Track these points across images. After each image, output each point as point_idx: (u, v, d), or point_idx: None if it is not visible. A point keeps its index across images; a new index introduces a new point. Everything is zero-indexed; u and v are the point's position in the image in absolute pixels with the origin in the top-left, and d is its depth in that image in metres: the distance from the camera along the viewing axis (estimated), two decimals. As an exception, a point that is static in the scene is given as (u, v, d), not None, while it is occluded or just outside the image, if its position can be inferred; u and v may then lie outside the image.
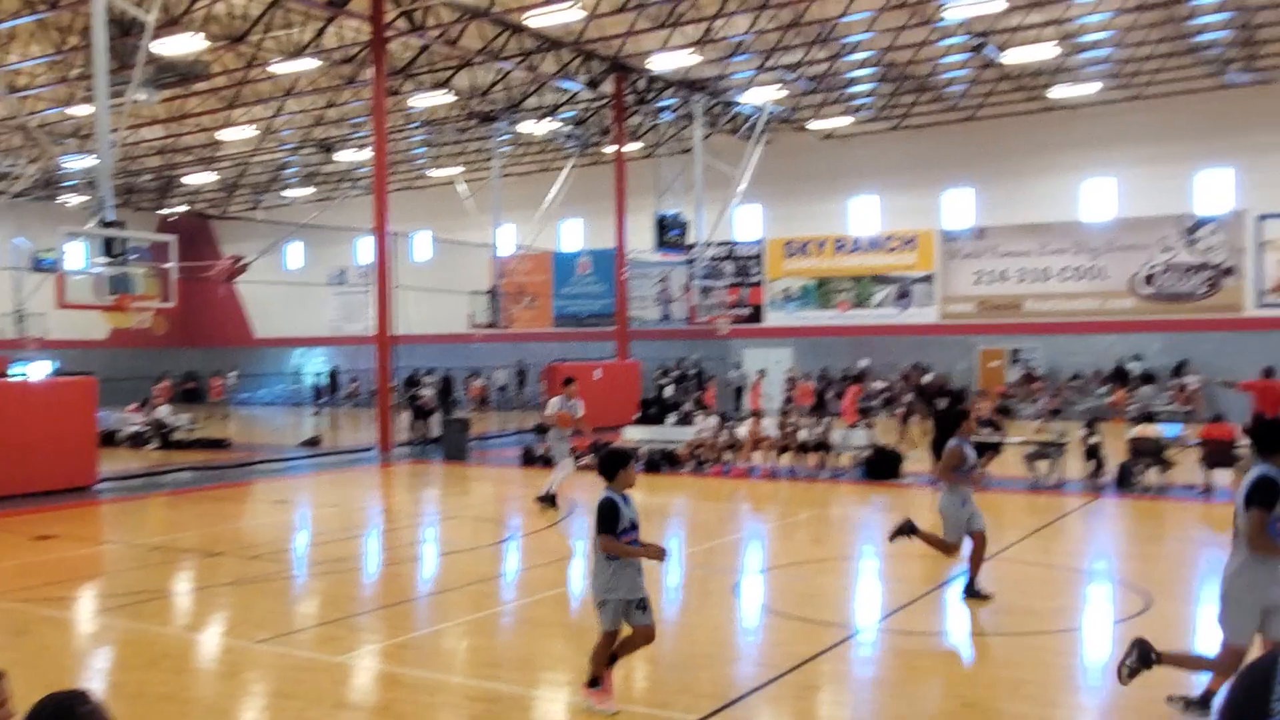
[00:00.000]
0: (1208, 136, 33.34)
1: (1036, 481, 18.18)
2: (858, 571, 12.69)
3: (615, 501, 7.00)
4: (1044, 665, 8.49)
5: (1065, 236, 35.49)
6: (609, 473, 7.10)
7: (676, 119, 36.61)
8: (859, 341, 38.52)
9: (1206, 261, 33.60)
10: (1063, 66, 32.31)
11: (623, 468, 7.10)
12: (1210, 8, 27.96)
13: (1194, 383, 32.03)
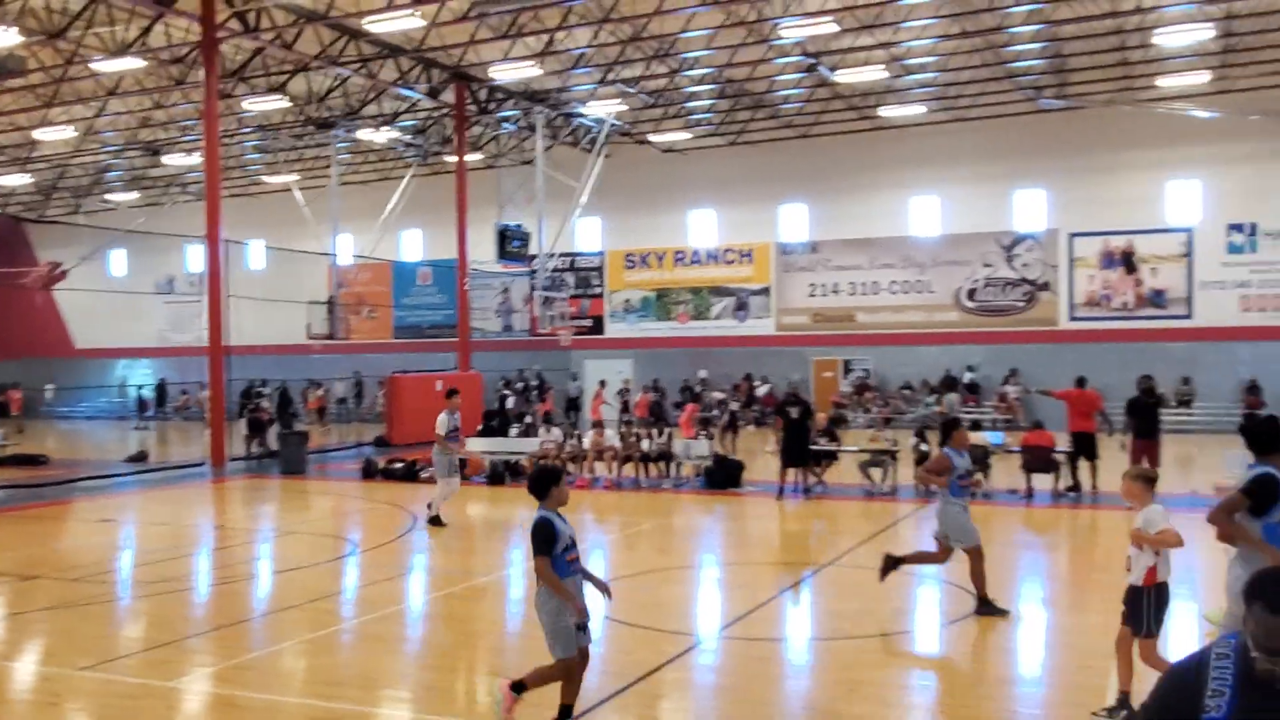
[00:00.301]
0: (1024, 158, 35.16)
1: (871, 489, 18.80)
2: (701, 580, 12.88)
3: (551, 521, 6.68)
4: (882, 666, 8.78)
5: (894, 251, 36.87)
6: (540, 490, 6.79)
7: (518, 130, 36.55)
8: (698, 353, 39.16)
9: (1024, 277, 35.39)
10: (891, 88, 33.58)
11: (554, 484, 6.80)
12: (1026, 37, 29.49)
13: (1014, 392, 33.68)
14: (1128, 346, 33.12)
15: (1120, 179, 34.08)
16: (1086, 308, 34.76)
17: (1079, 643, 9.24)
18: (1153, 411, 17.28)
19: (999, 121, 35.49)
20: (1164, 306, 33.87)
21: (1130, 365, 32.17)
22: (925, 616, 10.81)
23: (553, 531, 6.65)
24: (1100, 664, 8.40)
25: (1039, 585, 12.55)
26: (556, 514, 6.77)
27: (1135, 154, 33.75)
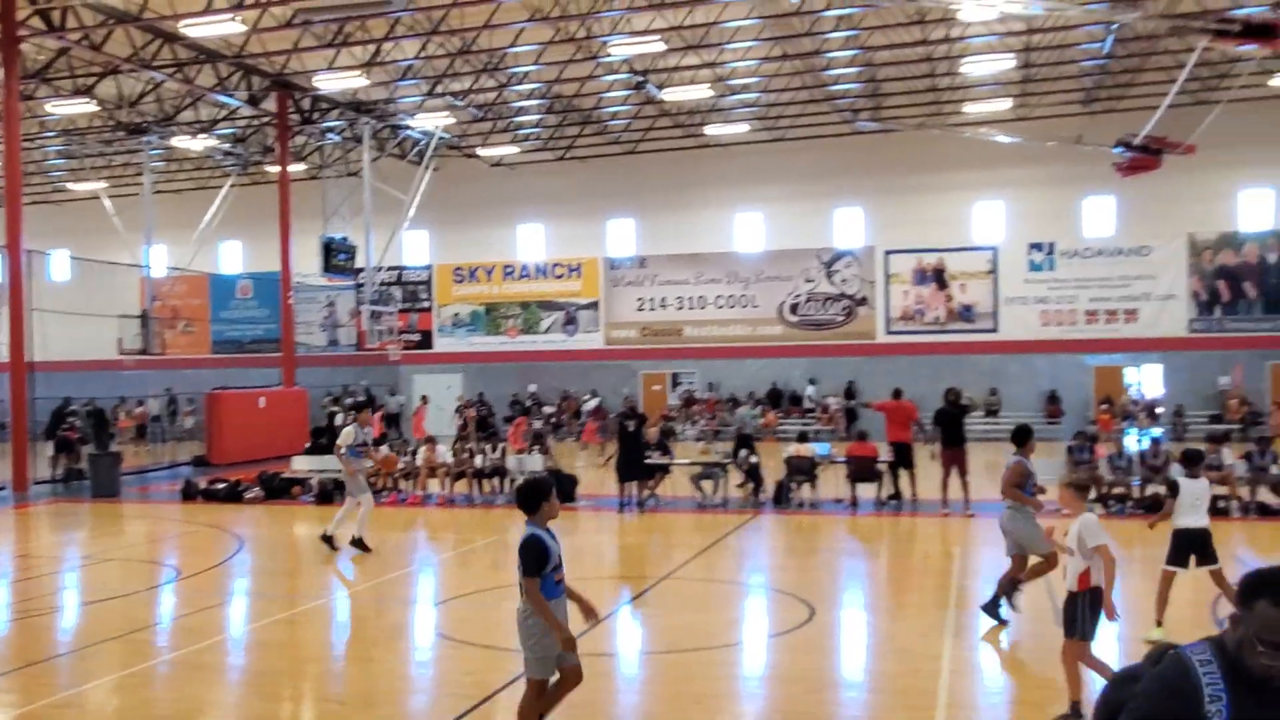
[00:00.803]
0: (843, 177, 36.49)
1: (702, 501, 19.14)
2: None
3: (542, 539, 6.38)
4: (719, 679, 8.97)
5: (720, 266, 37.67)
6: (531, 505, 6.47)
7: (344, 141, 35.78)
8: (528, 367, 39.12)
9: (844, 292, 36.68)
10: (716, 106, 34.35)
11: (545, 499, 6.50)
12: (843, 61, 30.64)
13: (835, 404, 34.84)
14: (940, 359, 34.73)
15: (932, 199, 35.74)
16: (901, 321, 36.27)
17: (906, 647, 9.63)
18: (958, 421, 18.09)
19: (819, 142, 36.73)
20: (972, 321, 35.64)
21: (942, 377, 33.78)
22: (757, 628, 11.07)
23: (544, 551, 6.38)
24: (928, 667, 8.82)
25: (865, 592, 13.01)
26: (546, 530, 6.51)
27: (945, 176, 35.44)
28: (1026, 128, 33.45)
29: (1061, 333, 34.82)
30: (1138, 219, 33.91)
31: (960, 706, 7.96)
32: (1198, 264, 33.88)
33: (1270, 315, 33.37)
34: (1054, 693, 8.30)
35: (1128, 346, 34.37)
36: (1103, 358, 34.51)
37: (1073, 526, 7.56)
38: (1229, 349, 33.36)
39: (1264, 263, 33.42)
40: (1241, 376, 32.90)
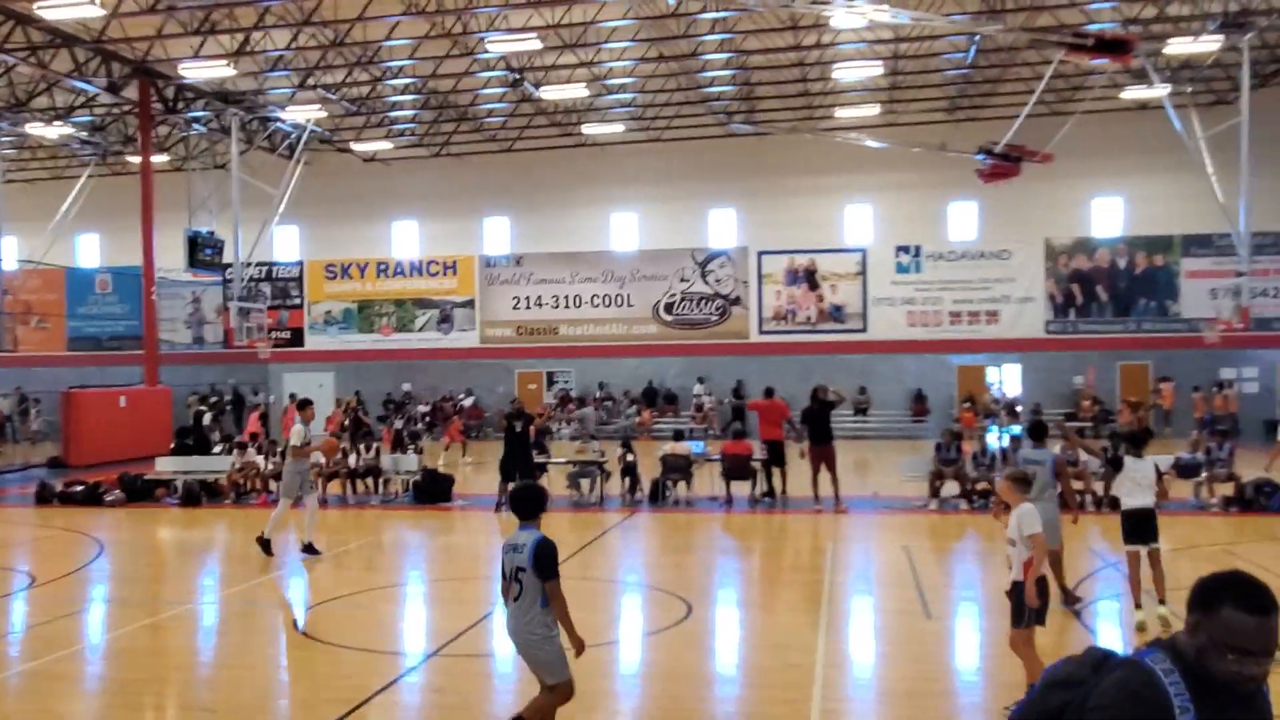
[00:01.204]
0: (717, 179, 36.93)
1: (579, 500, 19.18)
2: (415, 598, 12.73)
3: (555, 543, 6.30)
4: (600, 676, 9.00)
5: (596, 265, 37.75)
6: (533, 511, 6.43)
7: (210, 132, 34.73)
8: (402, 365, 38.58)
9: (718, 292, 37.14)
10: (593, 106, 34.42)
11: (545, 505, 6.52)
12: (718, 64, 31.03)
13: (710, 402, 35.25)
14: (811, 358, 35.42)
15: (803, 201, 36.44)
16: (774, 321, 36.89)
17: (781, 642, 9.82)
18: (825, 418, 18.47)
19: (694, 143, 37.10)
20: (843, 321, 36.46)
21: (813, 375, 34.41)
22: (635, 625, 11.15)
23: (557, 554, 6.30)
24: (803, 660, 9.01)
25: (740, 588, 13.21)
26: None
27: (817, 178, 36.17)
28: (894, 133, 34.35)
29: (927, 333, 35.87)
30: (999, 224, 35.16)
31: (834, 698, 8.16)
32: (1054, 268, 35.30)
33: (1120, 318, 34.97)
34: (925, 682, 8.58)
35: (989, 347, 35.61)
36: (966, 357, 35.69)
37: (1012, 517, 7.85)
38: (1082, 350, 34.85)
39: (1114, 267, 34.99)
40: (1094, 376, 34.41)
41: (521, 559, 6.22)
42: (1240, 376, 33.89)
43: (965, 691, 8.65)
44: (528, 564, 6.19)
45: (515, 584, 6.24)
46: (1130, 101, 32.05)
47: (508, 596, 6.33)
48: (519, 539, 6.33)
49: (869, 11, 23.20)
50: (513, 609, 6.31)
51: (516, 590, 6.23)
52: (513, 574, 6.26)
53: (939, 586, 12.40)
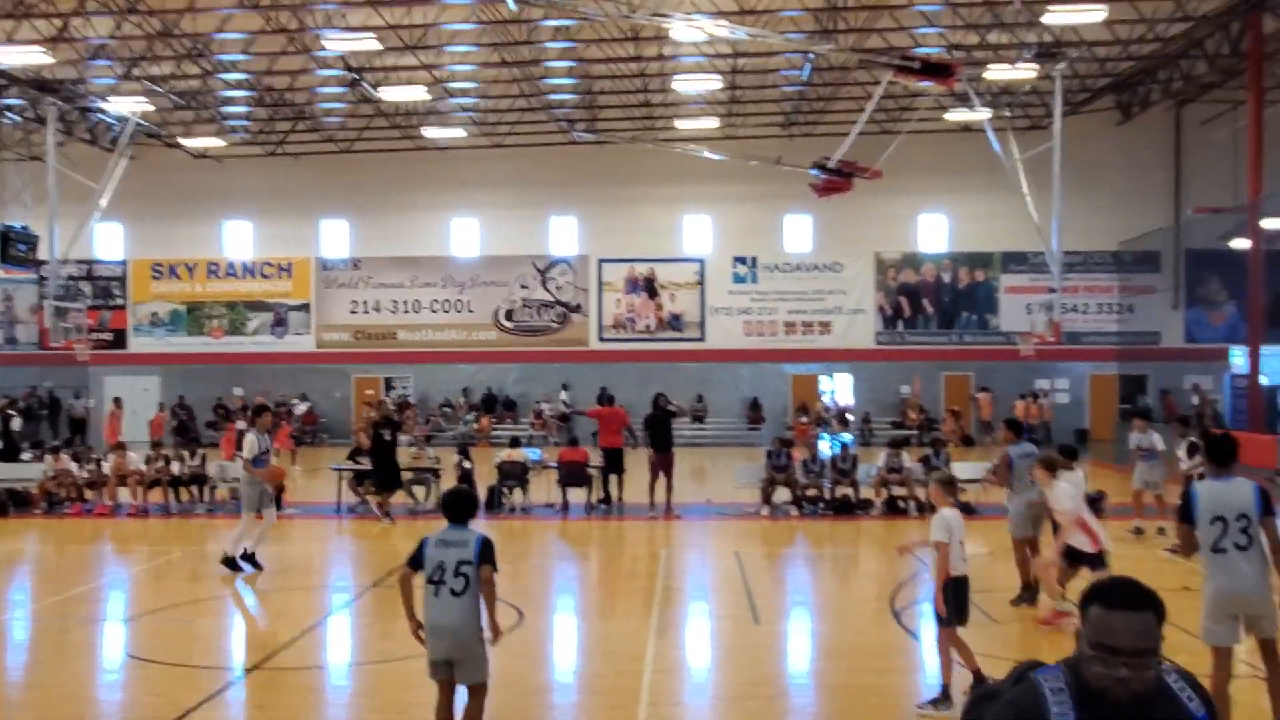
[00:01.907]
0: (558, 186, 36.99)
1: (415, 506, 18.92)
2: (240, 609, 12.34)
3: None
4: (429, 687, 8.90)
5: (436, 270, 37.33)
6: (468, 514, 6.73)
7: (25, 121, 32.92)
8: (234, 369, 37.35)
9: (558, 299, 37.20)
10: (434, 109, 34.05)
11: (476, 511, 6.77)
12: (561, 71, 31.13)
13: (548, 410, 35.25)
14: (650, 366, 35.83)
15: (644, 210, 36.84)
16: (614, 329, 37.15)
17: (613, 649, 9.90)
18: (667, 425, 18.77)
19: (536, 150, 37.07)
20: (681, 330, 36.99)
21: (652, 384, 34.85)
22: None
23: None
24: (633, 667, 9.10)
25: (574, 595, 13.27)
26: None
27: (657, 188, 36.62)
28: (732, 146, 35.05)
29: (763, 342, 36.70)
30: (832, 237, 36.25)
31: (664, 704, 8.28)
32: (883, 281, 36.60)
33: (944, 330, 36.50)
34: (754, 687, 8.79)
35: (822, 357, 36.68)
36: (800, 367, 36.68)
37: (933, 520, 8.12)
38: (910, 360, 36.24)
39: (940, 281, 36.51)
40: (919, 386, 35.81)
41: (467, 553, 6.43)
42: (1053, 387, 35.79)
43: (793, 695, 8.89)
44: (474, 557, 6.42)
45: (460, 578, 6.41)
46: (954, 123, 33.50)
47: (440, 589, 6.43)
48: (455, 536, 6.55)
49: (708, 26, 23.66)
50: (454, 602, 6.42)
51: (462, 584, 6.41)
52: (455, 568, 6.42)
53: (769, 592, 12.71)
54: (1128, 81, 32.52)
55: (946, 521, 8.03)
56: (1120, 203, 34.81)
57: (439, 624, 6.48)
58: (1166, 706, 2.73)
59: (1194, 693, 2.80)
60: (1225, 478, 7.20)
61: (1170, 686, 2.79)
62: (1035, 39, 27.28)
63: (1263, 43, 26.85)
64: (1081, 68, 30.27)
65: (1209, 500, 7.03)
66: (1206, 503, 7.02)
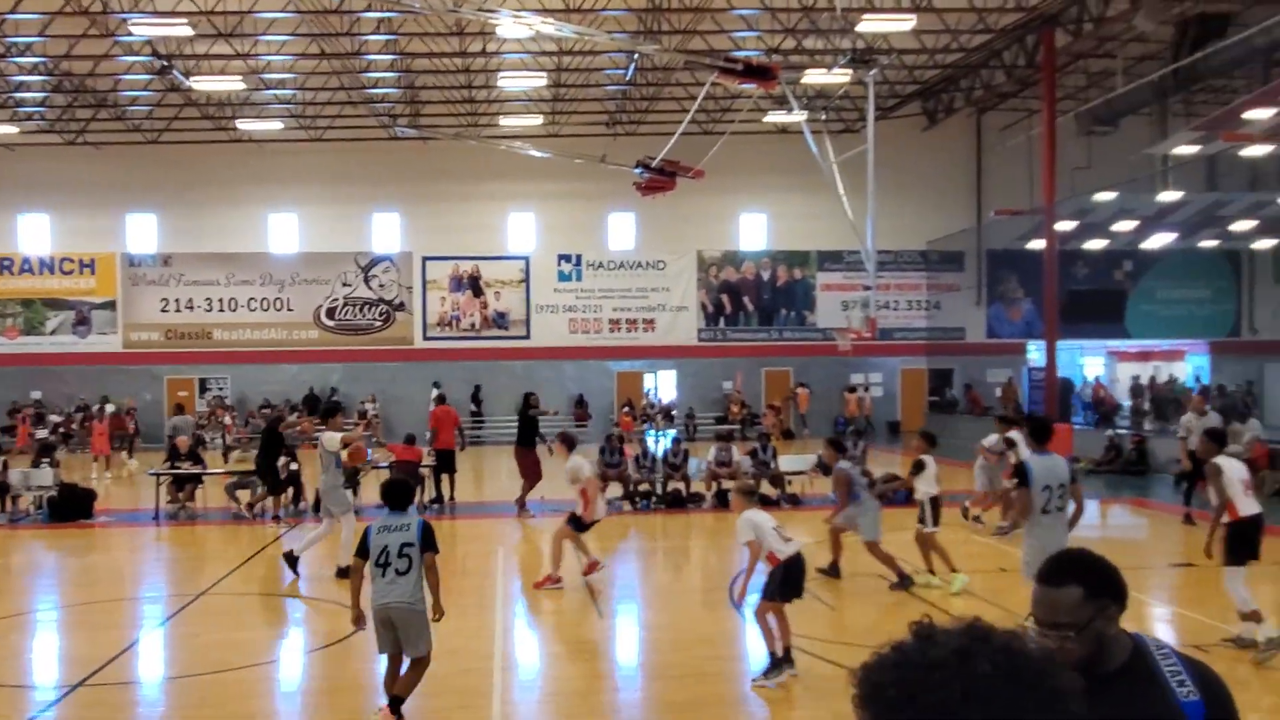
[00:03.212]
0: (381, 182, 36.28)
1: (239, 512, 18.31)
2: (49, 626, 11.70)
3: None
4: (267, 695, 8.70)
5: (253, 267, 36.10)
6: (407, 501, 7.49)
7: None
8: (31, 371, 35.20)
9: (382, 297, 36.53)
10: (249, 100, 32.93)
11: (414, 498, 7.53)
12: (383, 65, 30.57)
13: (373, 409, 34.57)
14: (476, 364, 35.62)
15: (468, 207, 36.53)
16: (438, 328, 36.73)
17: (457, 648, 9.81)
18: (534, 425, 18.86)
19: (357, 144, 36.27)
20: (506, 328, 36.86)
21: (478, 381, 34.68)
22: (306, 640, 10.84)
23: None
24: (480, 665, 9.09)
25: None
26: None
27: (481, 185, 36.36)
28: (557, 144, 35.12)
29: (588, 340, 36.94)
30: (655, 235, 36.77)
31: (510, 701, 8.31)
32: (705, 279, 37.36)
33: (764, 326, 37.52)
34: (597, 680, 8.92)
35: (646, 354, 37.17)
36: (624, 364, 37.07)
37: (740, 525, 8.74)
38: (731, 356, 37.12)
39: (760, 279, 37.51)
40: (741, 382, 36.72)
41: (410, 535, 7.15)
42: (868, 382, 37.26)
43: (633, 687, 9.05)
44: (417, 539, 7.13)
45: (404, 559, 7.08)
46: (773, 125, 34.47)
47: (387, 570, 7.08)
48: (396, 521, 7.26)
49: (535, 23, 23.64)
50: (400, 581, 7.08)
51: (406, 564, 7.08)
52: (399, 550, 7.09)
53: (606, 586, 12.86)
54: (933, 89, 34.16)
55: (751, 522, 8.63)
56: (927, 204, 36.51)
57: (384, 602, 7.08)
58: (1145, 687, 2.59)
59: (1190, 678, 2.60)
60: (1046, 454, 8.73)
61: (1158, 667, 2.62)
62: (849, 45, 28.32)
63: (1055, 55, 28.62)
64: (891, 74, 31.62)
65: (1040, 472, 8.48)
66: (1039, 474, 8.46)
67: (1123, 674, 2.61)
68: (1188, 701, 2.55)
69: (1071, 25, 27.63)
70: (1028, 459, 8.91)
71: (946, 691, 1.63)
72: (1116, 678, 2.62)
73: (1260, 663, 8.63)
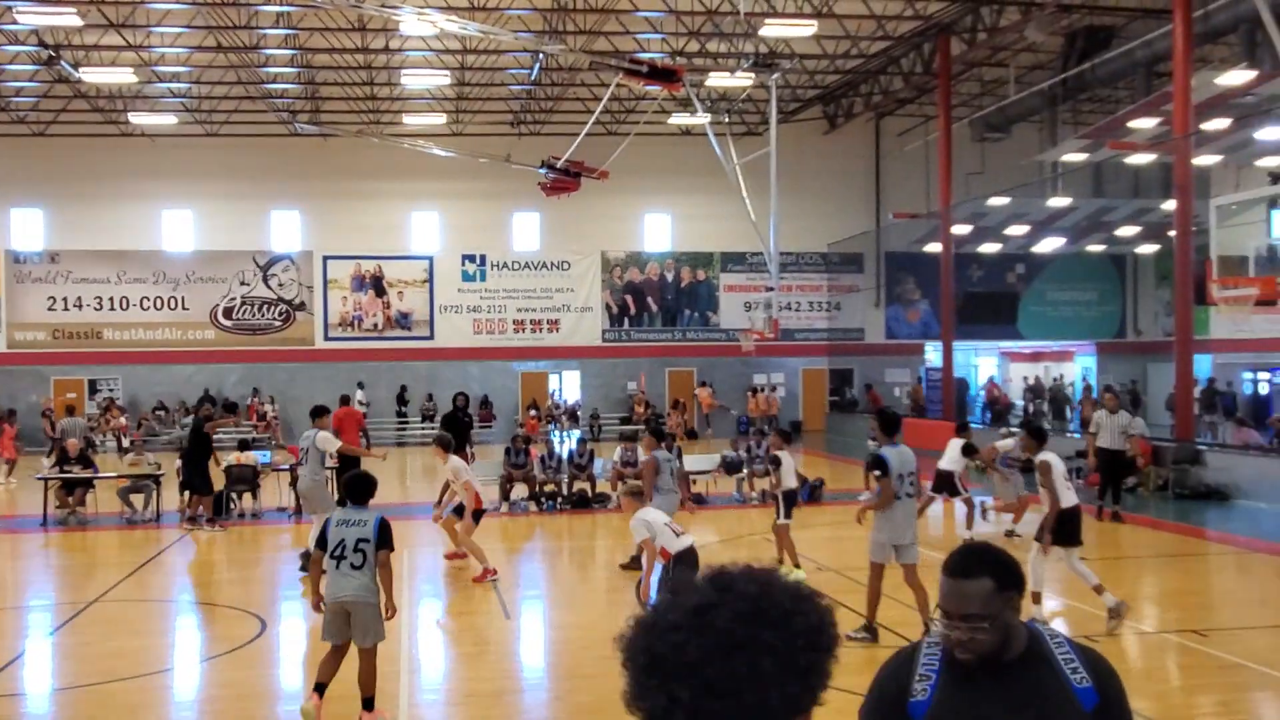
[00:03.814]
0: (280, 179, 35.55)
1: (132, 516, 17.80)
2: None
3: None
4: (161, 705, 8.50)
5: (146, 265, 35.10)
6: (367, 495, 7.55)
7: None
8: (-94, 372, 33.76)
9: (281, 296, 35.82)
10: (142, 93, 32.06)
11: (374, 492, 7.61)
12: (282, 60, 30.01)
13: (272, 411, 33.90)
14: (379, 365, 35.18)
15: (371, 206, 36.02)
16: (340, 328, 36.17)
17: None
18: (465, 428, 18.63)
19: (256, 141, 35.51)
20: (410, 328, 36.45)
21: (381, 383, 34.26)
22: (204, 647, 10.59)
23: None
24: (387, 668, 8.97)
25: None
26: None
27: (384, 184, 35.88)
28: (461, 143, 34.83)
29: (492, 340, 36.74)
30: (560, 236, 36.72)
31: (420, 704, 8.26)
32: (610, 279, 37.44)
33: (668, 327, 37.74)
34: (507, 680, 8.88)
35: (551, 354, 37.10)
36: (529, 364, 36.95)
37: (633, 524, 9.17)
38: (636, 357, 37.25)
39: (664, 280, 37.72)
40: (645, 382, 36.88)
41: (366, 531, 7.31)
42: (769, 382, 37.71)
43: (541, 688, 9.06)
44: (372, 536, 7.30)
45: (358, 553, 7.27)
46: (677, 127, 34.69)
47: (341, 563, 7.26)
48: (355, 516, 7.42)
49: (438, 20, 23.45)
50: (354, 575, 7.26)
51: (360, 559, 7.27)
52: (354, 544, 7.28)
53: (512, 587, 12.83)
54: (834, 94, 34.76)
55: (644, 521, 8.98)
56: (828, 207, 37.09)
57: (339, 595, 7.27)
58: (1042, 675, 2.72)
59: (1083, 666, 2.75)
60: (897, 445, 9.67)
61: (1053, 655, 2.76)
62: (752, 49, 28.64)
63: (950, 63, 29.36)
64: (793, 79, 32.07)
65: (896, 462, 9.42)
66: (895, 464, 9.38)
67: (1023, 662, 2.73)
68: (1081, 688, 2.69)
69: (966, 34, 28.37)
70: (885, 452, 9.57)
71: (684, 652, 1.64)
72: (1018, 665, 2.73)
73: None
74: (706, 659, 1.64)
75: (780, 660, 1.66)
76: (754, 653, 1.65)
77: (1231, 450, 21.73)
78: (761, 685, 1.64)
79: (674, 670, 1.64)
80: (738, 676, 1.63)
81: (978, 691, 2.70)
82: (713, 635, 1.65)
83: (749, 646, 1.65)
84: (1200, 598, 12.28)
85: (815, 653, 1.71)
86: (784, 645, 1.67)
